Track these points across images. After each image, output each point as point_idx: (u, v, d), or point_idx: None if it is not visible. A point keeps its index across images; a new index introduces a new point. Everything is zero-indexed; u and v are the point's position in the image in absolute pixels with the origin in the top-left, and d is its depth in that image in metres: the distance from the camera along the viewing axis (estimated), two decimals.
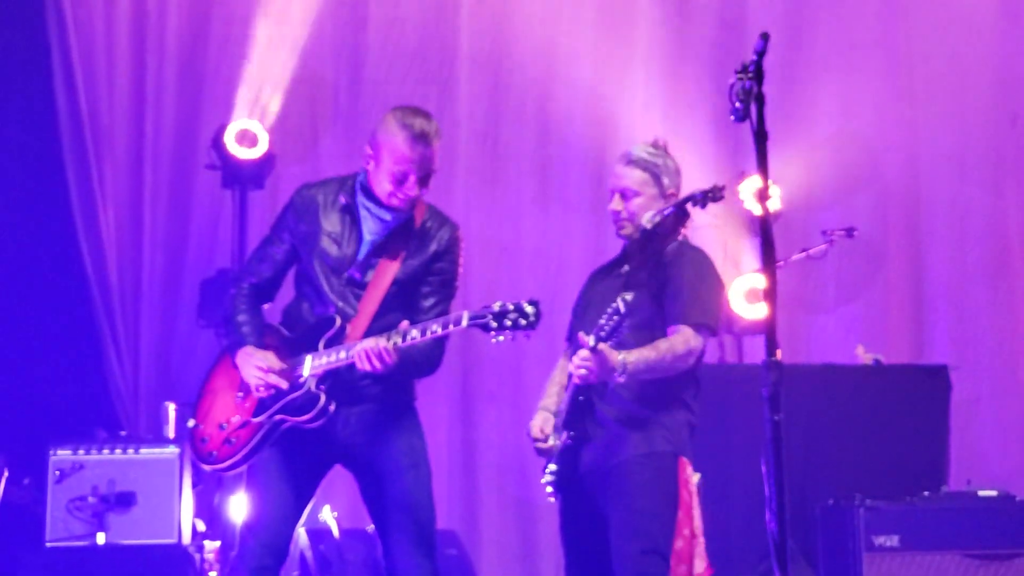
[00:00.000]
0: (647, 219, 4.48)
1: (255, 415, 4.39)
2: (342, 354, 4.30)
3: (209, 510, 6.97)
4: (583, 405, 4.41)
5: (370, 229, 4.47)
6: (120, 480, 6.50)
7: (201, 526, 6.82)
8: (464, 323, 4.14)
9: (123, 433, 6.98)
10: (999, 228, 8.26)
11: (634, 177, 4.54)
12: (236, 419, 4.44)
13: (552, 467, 4.46)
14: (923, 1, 8.49)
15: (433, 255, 4.49)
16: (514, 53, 8.39)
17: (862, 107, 8.46)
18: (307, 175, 6.58)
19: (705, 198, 4.39)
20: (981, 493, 6.30)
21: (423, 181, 4.42)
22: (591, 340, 4.17)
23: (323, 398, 4.32)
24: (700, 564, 4.38)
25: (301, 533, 6.55)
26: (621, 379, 4.24)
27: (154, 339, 7.89)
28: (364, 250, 4.46)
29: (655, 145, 4.64)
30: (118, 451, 6.57)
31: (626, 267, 4.55)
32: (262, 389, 4.37)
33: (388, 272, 4.43)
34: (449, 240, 4.52)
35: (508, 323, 4.09)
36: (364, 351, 4.22)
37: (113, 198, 7.90)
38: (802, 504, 6.32)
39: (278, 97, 8.07)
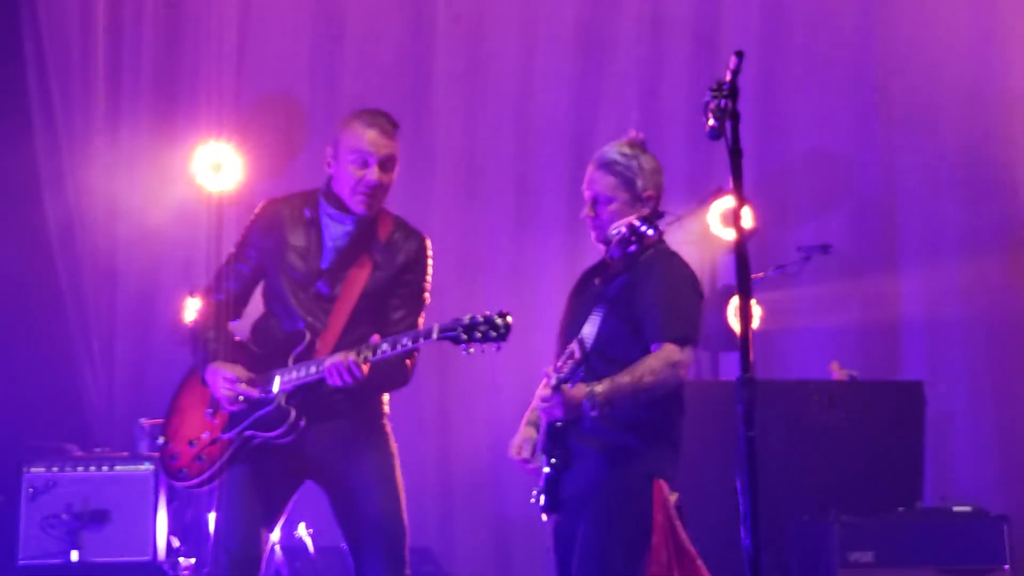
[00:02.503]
0: (613, 230, 4.32)
1: (225, 431, 4.38)
2: (312, 369, 4.28)
3: (184, 527, 6.94)
4: (559, 432, 4.29)
5: (332, 235, 4.45)
6: (94, 497, 6.46)
7: (176, 543, 6.79)
8: (435, 336, 4.13)
9: (97, 450, 6.95)
10: (974, 243, 8.30)
11: (606, 182, 4.39)
12: (206, 436, 4.42)
13: (536, 492, 4.36)
14: (898, 17, 8.53)
15: (401, 267, 4.47)
16: (490, 69, 8.42)
17: (838, 123, 8.50)
18: (284, 190, 6.57)
19: (652, 224, 4.25)
20: (956, 509, 6.32)
21: (384, 167, 4.40)
22: (553, 381, 4.09)
23: (293, 414, 4.30)
24: None
25: (277, 550, 6.53)
26: (594, 412, 4.13)
27: (129, 355, 7.86)
28: (328, 257, 4.44)
29: (631, 143, 4.47)
30: (92, 468, 6.54)
31: (598, 280, 4.43)
32: (233, 401, 4.35)
33: (356, 285, 4.41)
34: (417, 251, 4.51)
35: (479, 335, 4.08)
36: (334, 365, 4.20)
37: (88, 213, 7.88)
38: (777, 520, 6.33)
39: (254, 112, 8.07)
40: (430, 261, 4.57)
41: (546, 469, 4.30)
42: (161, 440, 4.55)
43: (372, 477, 4.42)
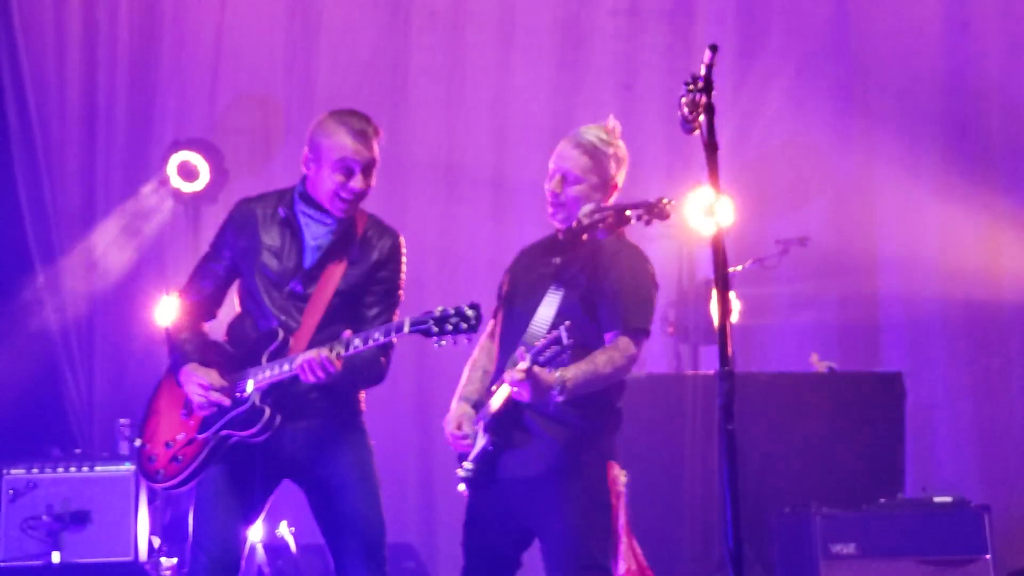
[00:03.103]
0: (584, 213, 4.32)
1: (200, 432, 4.37)
2: (285, 367, 4.27)
3: (165, 527, 6.92)
4: (514, 412, 4.27)
5: (313, 235, 4.44)
6: (75, 498, 6.45)
7: (157, 543, 6.78)
8: (406, 329, 4.12)
9: (78, 451, 6.92)
10: (951, 235, 8.33)
11: (580, 162, 4.39)
12: (182, 436, 4.41)
13: (468, 465, 4.33)
14: (874, 12, 8.55)
15: (375, 264, 4.46)
16: (467, 66, 8.41)
17: (815, 116, 8.51)
18: (260, 189, 6.53)
19: (650, 214, 4.23)
20: (936, 499, 6.34)
21: (366, 173, 4.40)
22: (527, 362, 4.06)
23: (267, 412, 4.29)
24: (623, 566, 4.22)
25: (259, 549, 6.52)
26: (560, 399, 4.14)
27: (109, 356, 7.84)
28: (310, 257, 4.43)
29: (609, 130, 4.47)
30: (72, 469, 6.53)
31: (557, 259, 4.41)
32: (205, 407, 4.35)
33: (330, 284, 4.40)
34: (391, 249, 4.50)
35: (449, 327, 4.08)
36: (307, 362, 4.19)
37: (65, 212, 7.86)
38: (759, 512, 6.35)
39: (230, 111, 8.05)
40: (404, 258, 4.55)
41: (481, 441, 4.30)
42: (138, 443, 4.54)
43: (350, 475, 4.41)
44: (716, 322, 7.58)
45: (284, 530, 6.73)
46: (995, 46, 8.49)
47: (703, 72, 4.41)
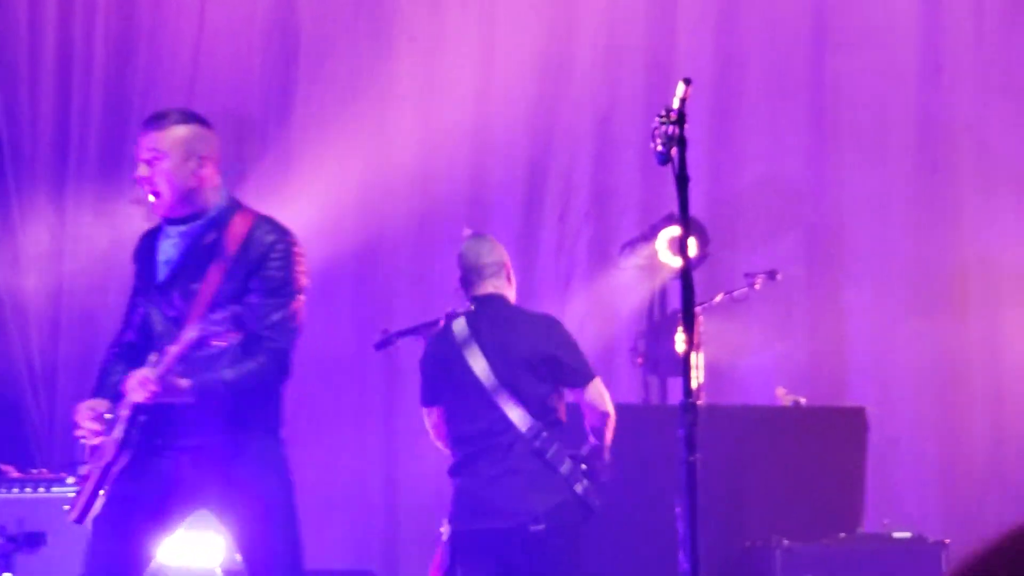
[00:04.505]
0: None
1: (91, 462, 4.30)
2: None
3: None
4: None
5: (163, 250, 4.36)
6: (29, 520, 6.35)
7: None
8: (198, 332, 4.06)
9: (35, 471, 6.85)
10: (920, 272, 8.40)
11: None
12: (84, 469, 4.34)
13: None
14: (849, 49, 8.62)
15: (255, 264, 4.27)
16: (447, 91, 8.44)
17: (789, 151, 8.58)
18: None
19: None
20: (896, 535, 6.38)
21: (150, 163, 4.29)
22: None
23: (127, 435, 4.17)
24: None
25: (218, 573, 6.50)
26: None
27: (72, 376, 7.80)
28: (163, 272, 4.32)
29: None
30: (28, 490, 6.45)
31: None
32: (86, 438, 4.28)
33: (205, 293, 4.24)
34: (271, 244, 4.29)
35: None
36: (131, 382, 4.11)
37: (34, 229, 7.85)
38: (721, 545, 6.37)
39: None
40: (294, 256, 4.34)
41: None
42: (83, 470, 4.41)
43: (245, 505, 4.26)
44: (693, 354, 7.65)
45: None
46: (967, 88, 8.58)
47: (676, 105, 4.48)
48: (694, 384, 4.54)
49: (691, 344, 4.40)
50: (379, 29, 8.46)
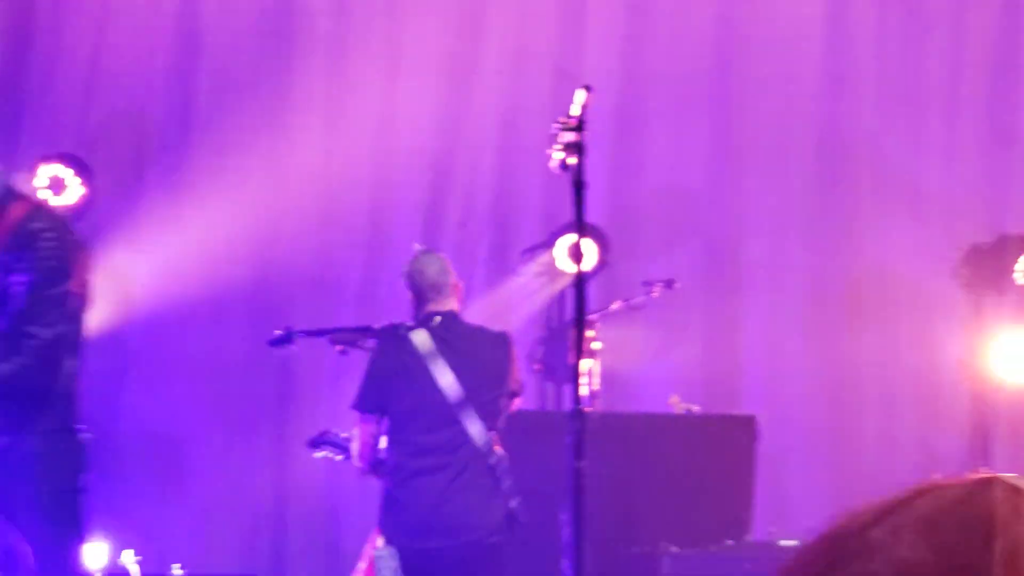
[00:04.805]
0: None
1: None
2: None
3: None
4: None
5: None
6: None
7: None
8: None
9: None
10: (815, 283, 8.52)
11: None
12: None
13: None
14: (752, 64, 8.73)
15: (21, 252, 4.14)
16: (351, 95, 8.41)
17: (691, 161, 8.66)
18: (131, 207, 6.52)
19: None
20: (782, 543, 6.46)
21: None
22: None
23: None
24: None
25: None
26: None
27: None
28: None
29: None
30: None
31: None
32: None
33: None
34: (37, 233, 4.15)
35: None
36: None
37: None
38: (610, 551, 6.41)
39: (103, 128, 7.95)
40: (63, 245, 4.20)
41: None
42: None
43: (26, 503, 4.18)
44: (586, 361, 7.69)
45: (128, 559, 6.63)
46: (867, 103, 8.72)
47: (576, 112, 4.51)
48: (584, 391, 4.56)
49: (581, 352, 4.43)
50: (283, 32, 8.40)
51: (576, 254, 4.48)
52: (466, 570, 5.33)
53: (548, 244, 7.99)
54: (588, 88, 4.46)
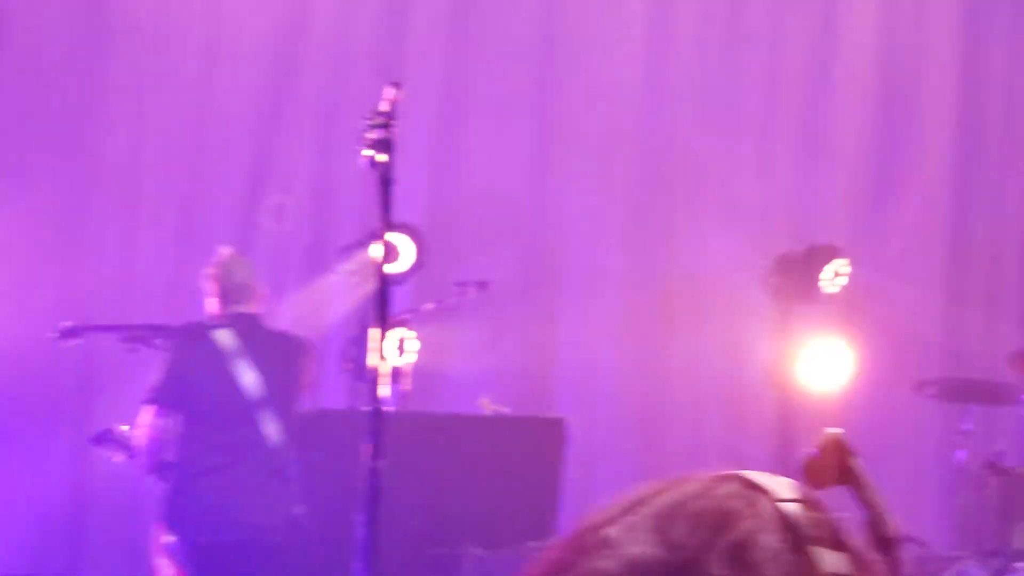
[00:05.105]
0: None
1: None
2: None
3: None
4: None
5: None
6: None
7: None
8: None
9: None
10: (630, 287, 8.62)
11: None
12: None
13: None
14: (576, 69, 8.79)
15: None
16: (168, 85, 8.24)
17: (512, 163, 8.69)
18: None
19: None
20: None
21: None
22: None
23: None
24: None
25: None
26: None
27: None
28: None
29: None
30: None
31: None
32: None
33: None
34: None
35: None
36: None
37: None
38: (413, 553, 6.38)
39: None
40: None
41: None
42: None
43: None
44: (395, 361, 7.65)
45: None
46: (685, 111, 8.86)
47: (385, 108, 4.48)
48: (384, 391, 4.54)
49: (381, 351, 4.41)
50: (99, 20, 8.17)
51: (382, 252, 4.44)
52: (246, 568, 5.30)
53: (364, 243, 7.92)
54: (397, 84, 4.42)
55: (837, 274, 8.06)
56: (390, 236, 7.48)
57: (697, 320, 8.62)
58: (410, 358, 7.39)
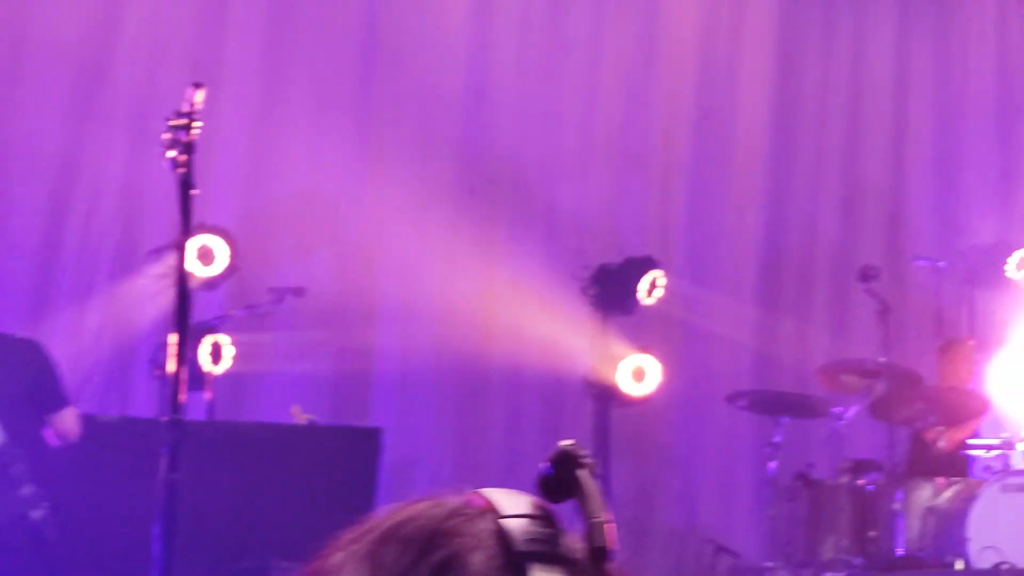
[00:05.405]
0: None
1: None
2: None
3: None
4: None
5: None
6: None
7: None
8: None
9: None
10: (448, 295, 8.56)
11: None
12: None
13: None
14: (397, 74, 8.71)
15: None
16: None
17: (330, 167, 8.55)
18: None
19: None
20: None
21: None
22: None
23: None
24: None
25: None
26: None
27: None
28: None
29: None
30: None
31: None
32: None
33: None
34: None
35: None
36: None
37: None
38: (220, 566, 6.22)
39: None
40: None
41: None
42: None
43: None
44: (207, 368, 7.45)
45: None
46: (507, 120, 8.85)
47: (187, 109, 4.33)
48: (182, 399, 4.39)
49: (181, 359, 4.26)
50: None
51: (180, 258, 4.28)
52: None
53: (175, 245, 7.70)
54: (199, 85, 4.28)
55: (654, 286, 8.14)
56: (203, 239, 7.38)
57: (516, 329, 8.60)
58: (225, 364, 7.22)
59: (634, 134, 9.16)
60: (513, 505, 1.21)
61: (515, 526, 1.19)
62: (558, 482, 1.28)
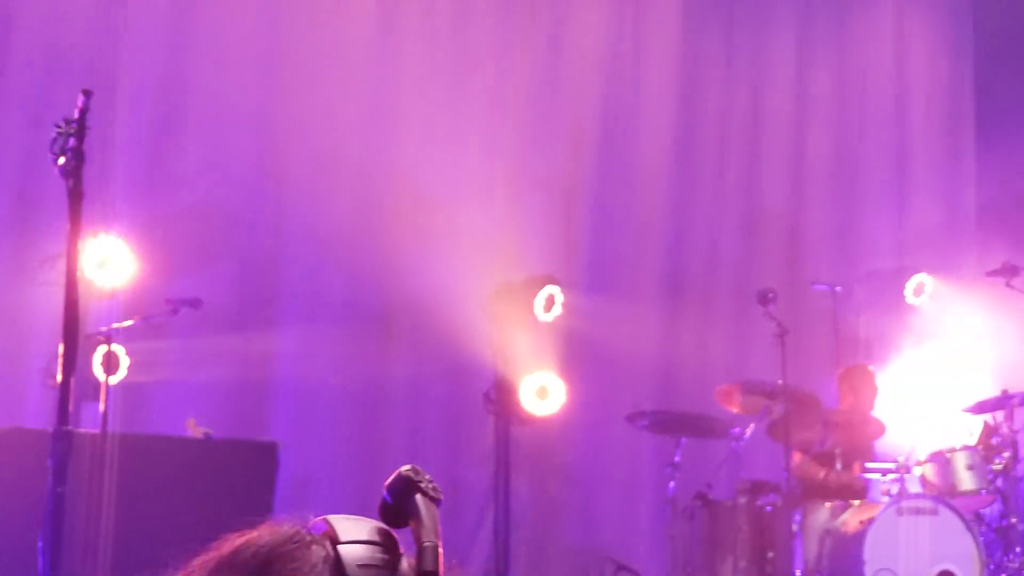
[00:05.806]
0: None
1: None
2: None
3: None
4: None
5: None
6: None
7: None
8: None
9: None
10: (352, 309, 8.51)
11: None
12: None
13: None
14: (300, 84, 8.64)
15: None
16: None
17: (230, 178, 8.47)
18: None
19: None
20: None
21: None
22: None
23: None
24: None
25: None
26: None
27: None
28: None
29: None
30: None
31: None
32: None
33: None
34: None
35: None
36: None
37: None
38: None
39: None
40: None
41: None
42: None
43: None
44: (102, 378, 7.32)
45: None
46: (411, 136, 8.82)
47: (76, 116, 4.25)
48: (70, 410, 4.30)
49: (69, 370, 4.17)
50: None
51: (70, 266, 4.19)
52: None
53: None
54: (88, 92, 4.21)
55: (552, 302, 8.16)
56: (100, 247, 7.26)
57: (418, 344, 8.57)
58: (120, 375, 7.09)
59: (537, 155, 9.18)
60: (353, 531, 1.27)
61: (349, 552, 1.25)
62: (396, 507, 1.31)
